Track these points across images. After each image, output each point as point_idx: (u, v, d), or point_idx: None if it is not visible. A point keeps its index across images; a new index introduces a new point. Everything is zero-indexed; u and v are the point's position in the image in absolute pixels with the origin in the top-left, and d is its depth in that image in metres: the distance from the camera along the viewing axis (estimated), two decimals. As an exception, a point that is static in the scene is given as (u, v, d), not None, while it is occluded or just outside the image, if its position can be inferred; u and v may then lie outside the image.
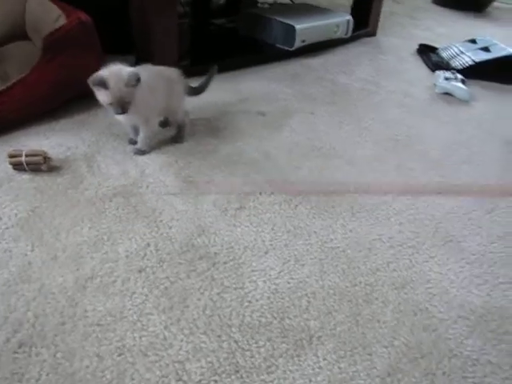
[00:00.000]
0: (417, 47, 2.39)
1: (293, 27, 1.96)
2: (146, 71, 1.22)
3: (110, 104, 1.15)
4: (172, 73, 1.31)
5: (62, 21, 1.49)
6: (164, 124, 1.39)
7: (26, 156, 1.16)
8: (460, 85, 1.85)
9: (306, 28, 1.99)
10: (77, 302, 0.84)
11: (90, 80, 1.13)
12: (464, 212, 1.16)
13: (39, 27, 1.62)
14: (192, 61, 1.84)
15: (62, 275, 0.89)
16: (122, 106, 1.15)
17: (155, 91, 1.23)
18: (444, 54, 2.23)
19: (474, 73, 2.01)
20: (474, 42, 2.25)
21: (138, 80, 1.15)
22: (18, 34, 1.75)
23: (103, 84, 1.12)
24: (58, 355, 0.75)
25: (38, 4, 1.67)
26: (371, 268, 0.97)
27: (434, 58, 2.22)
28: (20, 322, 0.80)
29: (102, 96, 1.15)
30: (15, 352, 0.75)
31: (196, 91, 1.42)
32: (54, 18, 1.56)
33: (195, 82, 1.43)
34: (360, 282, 0.93)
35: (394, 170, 1.31)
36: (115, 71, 1.15)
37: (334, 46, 2.27)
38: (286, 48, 2.02)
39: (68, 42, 1.41)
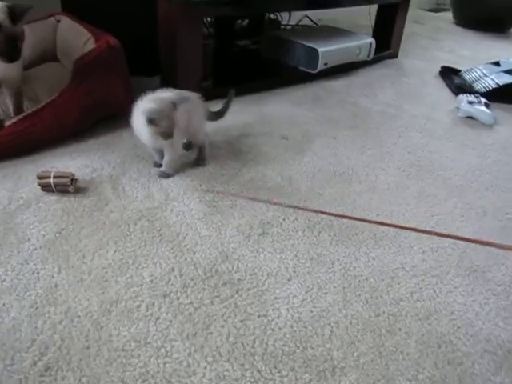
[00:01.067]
0: (439, 69, 2.39)
1: (316, 50, 1.97)
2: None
3: (158, 134, 1.18)
4: (192, 96, 1.33)
5: (91, 44, 1.53)
6: (187, 147, 1.41)
7: (54, 177, 1.19)
8: (483, 108, 1.84)
9: (328, 51, 2.01)
10: (102, 326, 0.85)
11: (146, 116, 1.16)
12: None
13: (69, 50, 1.68)
14: (214, 82, 1.86)
15: (87, 298, 0.90)
16: (171, 134, 1.18)
17: (179, 114, 1.26)
18: (467, 77, 2.22)
19: (498, 96, 2.00)
20: (497, 64, 2.24)
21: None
22: (49, 56, 1.81)
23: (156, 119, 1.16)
24: (84, 380, 0.76)
25: (68, 28, 1.73)
26: (394, 298, 0.96)
27: (456, 80, 2.22)
28: (46, 344, 0.81)
29: (154, 128, 1.18)
30: (42, 375, 0.76)
31: (216, 116, 1.44)
32: (83, 41, 1.61)
33: (216, 105, 1.45)
34: (383, 312, 0.93)
35: (416, 197, 1.30)
36: (160, 100, 1.19)
37: (356, 69, 2.29)
38: (309, 71, 2.04)
39: (97, 66, 1.44)
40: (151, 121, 1.16)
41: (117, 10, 1.87)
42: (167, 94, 1.22)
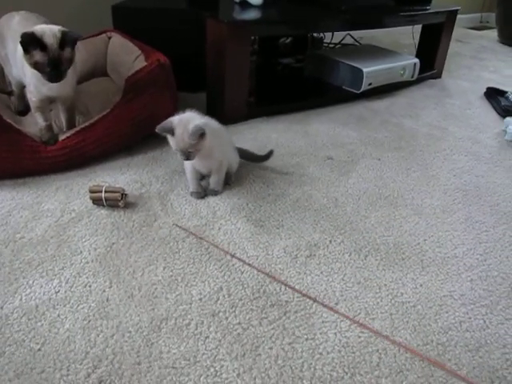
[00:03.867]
0: (484, 90, 2.35)
1: (360, 70, 1.98)
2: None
3: (176, 150, 1.20)
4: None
5: (141, 61, 1.58)
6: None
7: (106, 192, 1.22)
8: (531, 132, 1.80)
9: (373, 71, 2.01)
10: (152, 342, 0.87)
11: (159, 127, 1.18)
12: (540, 271, 1.12)
13: (119, 66, 1.73)
14: (258, 99, 1.89)
15: (138, 314, 0.92)
16: (187, 155, 1.19)
17: (221, 136, 1.30)
18: (514, 99, 2.18)
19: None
20: (544, 86, 2.19)
21: (202, 135, 1.17)
22: (99, 72, 1.87)
23: (171, 132, 1.17)
24: (135, 395, 0.78)
25: (119, 45, 1.78)
26: (443, 326, 0.95)
27: (503, 102, 2.18)
28: (99, 358, 0.83)
29: (170, 141, 1.20)
30: (95, 388, 0.78)
31: (248, 155, 1.47)
32: (134, 58, 1.66)
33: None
34: (432, 341, 0.91)
35: (463, 223, 1.28)
36: (184, 122, 1.18)
37: (399, 89, 2.28)
38: (353, 91, 2.04)
39: (148, 83, 1.48)
40: (161, 131, 1.18)
41: (165, 28, 1.93)
42: (198, 120, 1.21)
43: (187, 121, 1.18)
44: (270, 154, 1.47)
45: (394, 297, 1.01)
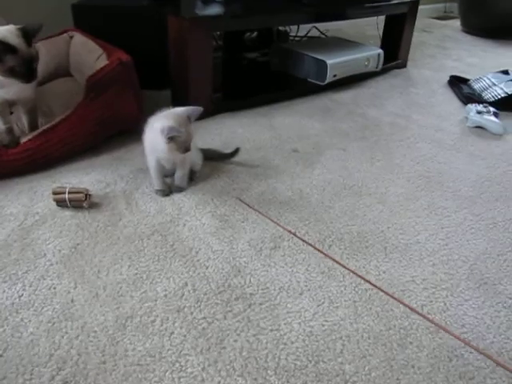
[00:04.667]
0: (448, 79, 2.39)
1: (324, 62, 2.00)
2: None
3: (180, 149, 1.20)
4: None
5: (104, 60, 1.57)
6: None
7: (69, 193, 1.21)
8: (493, 118, 1.84)
9: (337, 63, 2.03)
10: (117, 340, 0.87)
11: (166, 134, 1.16)
12: (498, 253, 1.15)
13: (82, 66, 1.71)
14: (224, 95, 1.89)
15: (103, 314, 0.92)
16: (189, 147, 1.21)
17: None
18: (476, 86, 2.23)
19: (507, 105, 2.00)
20: (506, 72, 2.24)
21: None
22: (62, 71, 1.85)
23: (181, 132, 1.18)
24: (100, 395, 0.78)
25: (81, 44, 1.76)
26: (405, 311, 0.97)
27: (465, 90, 2.23)
28: (64, 359, 0.83)
29: (169, 146, 1.19)
30: (60, 390, 0.78)
31: (213, 155, 1.49)
32: (96, 57, 1.64)
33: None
34: (394, 326, 0.93)
35: (426, 209, 1.31)
36: (181, 118, 1.21)
37: (365, 79, 2.30)
38: (318, 83, 2.05)
39: (110, 82, 1.47)
40: (172, 138, 1.17)
41: (127, 25, 1.91)
42: (180, 109, 1.24)
43: (181, 116, 1.21)
44: (236, 152, 1.47)
45: (357, 284, 1.03)
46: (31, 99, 1.42)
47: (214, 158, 1.47)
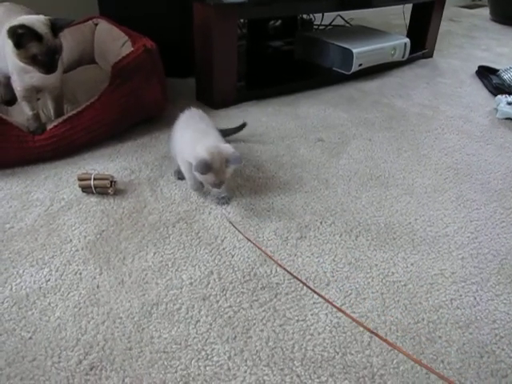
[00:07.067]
0: (476, 69, 2.34)
1: (350, 51, 1.96)
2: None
3: (215, 183, 1.14)
4: None
5: (128, 47, 1.56)
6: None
7: (95, 179, 1.21)
8: (523, 110, 1.79)
9: (363, 52, 1.99)
10: (143, 327, 0.87)
11: (198, 168, 1.09)
12: (530, 247, 1.13)
13: (106, 53, 1.71)
14: (248, 83, 1.87)
15: (128, 300, 0.92)
16: (220, 184, 1.15)
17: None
18: (505, 77, 2.17)
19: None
20: (536, 63, 2.18)
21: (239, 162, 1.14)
22: (87, 59, 1.85)
23: (210, 169, 1.10)
24: (127, 380, 0.78)
25: (106, 31, 1.76)
26: (434, 305, 0.95)
27: (494, 80, 2.17)
28: (90, 344, 0.83)
29: (203, 177, 1.14)
30: (87, 374, 0.78)
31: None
32: (121, 44, 1.64)
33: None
34: (423, 319, 0.92)
35: (454, 201, 1.28)
36: (216, 154, 1.11)
37: (390, 69, 2.26)
38: (343, 72, 2.02)
39: (135, 69, 1.47)
40: (202, 172, 1.11)
41: (152, 12, 1.90)
42: (224, 146, 1.15)
43: (218, 152, 1.12)
44: (243, 126, 1.49)
45: (384, 276, 1.01)
46: (56, 86, 1.42)
47: (225, 136, 1.40)
